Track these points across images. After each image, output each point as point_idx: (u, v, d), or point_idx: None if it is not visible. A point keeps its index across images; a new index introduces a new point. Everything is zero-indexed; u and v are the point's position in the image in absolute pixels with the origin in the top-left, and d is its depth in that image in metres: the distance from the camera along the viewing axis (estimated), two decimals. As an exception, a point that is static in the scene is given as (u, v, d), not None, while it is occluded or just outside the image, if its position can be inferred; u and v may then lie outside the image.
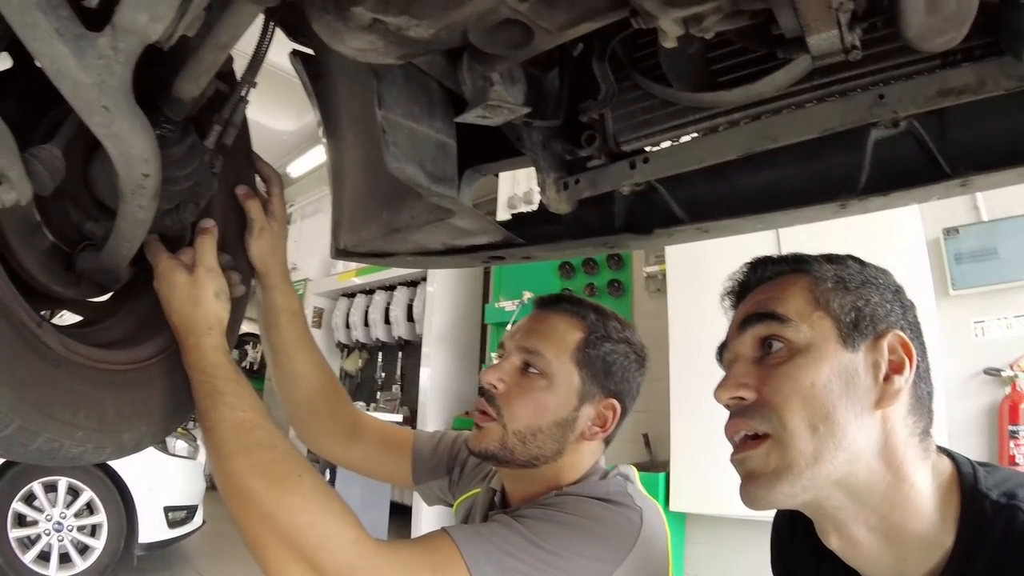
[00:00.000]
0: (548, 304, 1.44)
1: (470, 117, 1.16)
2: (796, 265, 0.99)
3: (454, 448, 1.66)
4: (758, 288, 1.01)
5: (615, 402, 1.36)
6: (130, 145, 0.87)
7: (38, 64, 0.77)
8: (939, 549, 0.82)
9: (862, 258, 1.00)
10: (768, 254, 1.05)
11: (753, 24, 0.90)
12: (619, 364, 1.37)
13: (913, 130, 1.11)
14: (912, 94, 1.04)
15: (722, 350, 1.04)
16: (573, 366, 1.33)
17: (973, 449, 3.85)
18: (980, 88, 0.99)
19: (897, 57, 1.03)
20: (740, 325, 0.98)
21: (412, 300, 8.30)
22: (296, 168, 9.63)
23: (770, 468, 0.86)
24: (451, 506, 1.63)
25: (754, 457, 0.88)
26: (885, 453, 0.85)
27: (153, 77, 0.96)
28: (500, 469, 1.42)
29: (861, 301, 0.92)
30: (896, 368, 0.87)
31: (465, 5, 0.86)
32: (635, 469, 1.44)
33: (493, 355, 1.43)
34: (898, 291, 0.96)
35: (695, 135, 1.27)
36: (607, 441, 1.41)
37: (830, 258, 0.99)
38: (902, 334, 0.89)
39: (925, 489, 0.85)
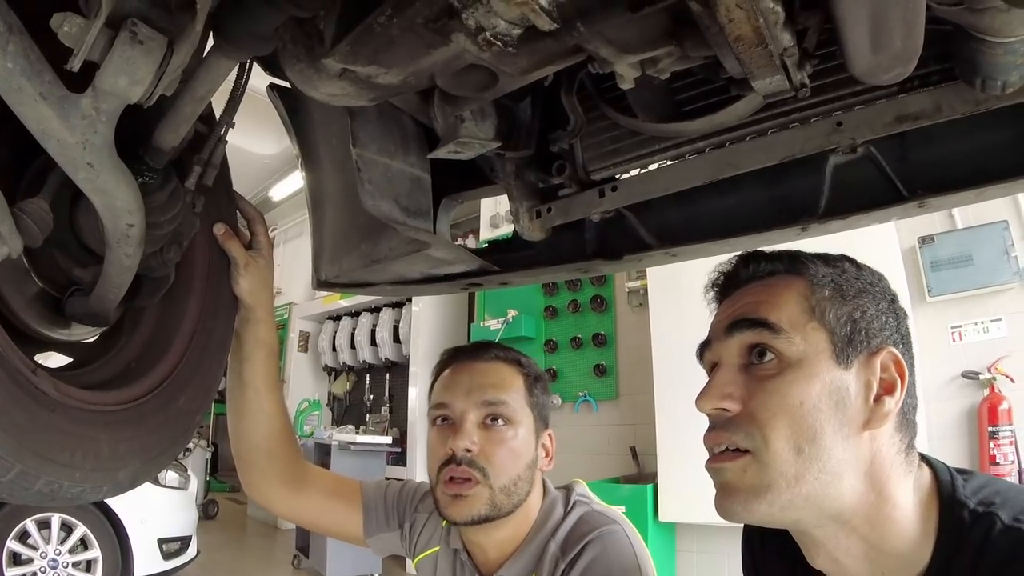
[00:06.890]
0: (479, 354, 1.47)
1: (442, 153, 1.20)
2: (791, 265, 0.92)
3: (400, 500, 1.64)
4: (748, 286, 0.95)
5: (551, 432, 1.47)
6: (114, 198, 0.90)
7: (25, 125, 0.80)
8: (919, 563, 0.80)
9: (856, 259, 0.95)
10: (761, 248, 0.99)
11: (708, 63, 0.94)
12: (546, 399, 1.49)
13: (871, 155, 1.15)
14: (870, 121, 1.08)
15: (703, 349, 0.97)
16: (527, 407, 1.41)
17: (954, 451, 3.94)
18: (936, 113, 1.03)
19: (855, 84, 1.06)
20: (728, 328, 0.91)
21: (398, 321, 8.32)
22: (278, 191, 9.62)
23: (746, 484, 0.83)
24: (410, 559, 1.62)
25: (730, 470, 0.84)
26: (871, 473, 0.82)
27: (133, 126, 0.98)
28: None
29: (857, 312, 0.87)
30: (888, 388, 0.84)
31: (431, 53, 0.89)
32: (582, 481, 1.52)
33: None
34: (893, 300, 0.91)
35: (662, 163, 1.32)
36: None
37: (826, 259, 0.92)
38: (895, 351, 0.85)
39: (907, 506, 0.82)
